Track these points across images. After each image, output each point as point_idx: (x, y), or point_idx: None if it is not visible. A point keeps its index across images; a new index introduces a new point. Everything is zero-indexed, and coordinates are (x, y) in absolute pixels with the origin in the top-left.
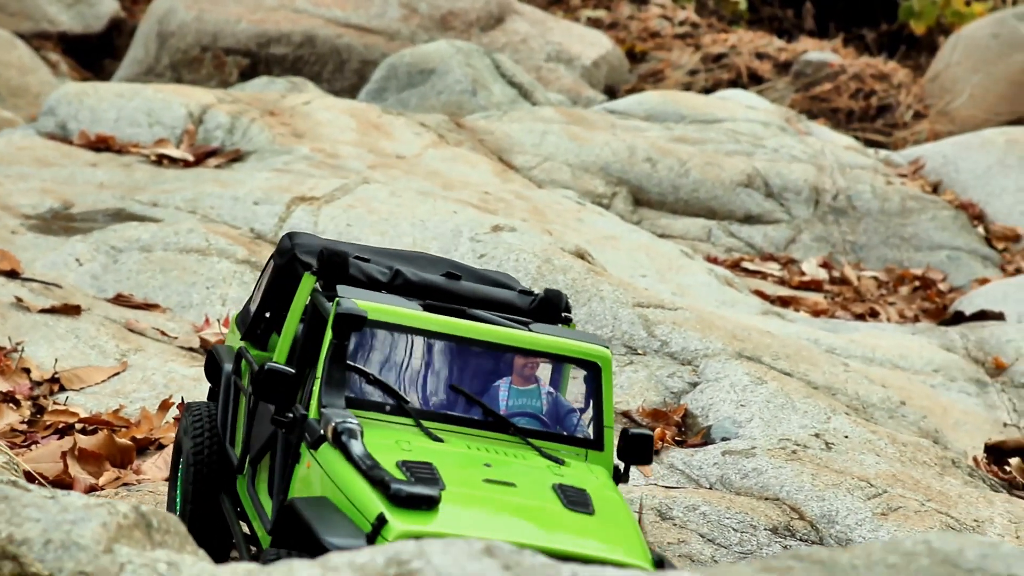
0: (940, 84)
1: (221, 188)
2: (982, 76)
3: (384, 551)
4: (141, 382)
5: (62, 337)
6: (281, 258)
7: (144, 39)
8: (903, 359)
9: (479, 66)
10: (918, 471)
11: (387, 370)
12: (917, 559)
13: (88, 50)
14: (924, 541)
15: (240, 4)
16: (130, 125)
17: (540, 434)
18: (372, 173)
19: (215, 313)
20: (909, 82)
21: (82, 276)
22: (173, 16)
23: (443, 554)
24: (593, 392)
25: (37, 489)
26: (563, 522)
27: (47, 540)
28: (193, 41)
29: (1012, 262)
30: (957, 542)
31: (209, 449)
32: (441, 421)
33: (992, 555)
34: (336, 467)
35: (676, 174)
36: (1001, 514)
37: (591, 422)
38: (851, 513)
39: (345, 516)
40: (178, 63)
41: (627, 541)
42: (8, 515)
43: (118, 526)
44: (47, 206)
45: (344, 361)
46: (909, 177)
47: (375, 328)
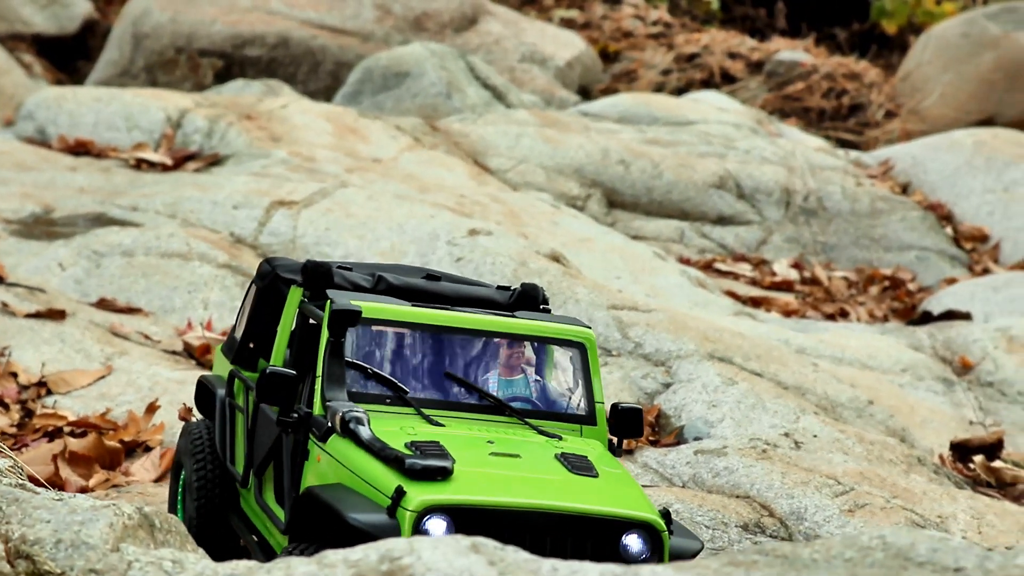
0: (911, 83)
1: (200, 192)
2: (952, 75)
3: (377, 548)
4: (126, 385)
5: (48, 341)
6: (262, 281)
7: (119, 41)
8: (872, 359)
9: (453, 69)
10: (885, 469)
11: (383, 364)
12: (872, 553)
13: (62, 51)
14: (879, 536)
15: (215, 5)
16: (109, 129)
17: (535, 414)
18: (349, 177)
19: (197, 317)
20: (881, 81)
21: (66, 281)
22: (148, 18)
23: (432, 550)
24: (581, 370)
25: (45, 492)
26: (570, 485)
27: (58, 540)
28: (168, 43)
29: (980, 262)
30: (910, 537)
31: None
32: (440, 408)
33: (941, 549)
34: (348, 453)
35: (649, 176)
36: (964, 510)
37: (582, 399)
38: (819, 510)
39: (363, 496)
40: (153, 65)
41: (633, 499)
42: (20, 516)
43: (124, 526)
44: (28, 211)
45: (342, 357)
46: (879, 178)
47: (369, 325)
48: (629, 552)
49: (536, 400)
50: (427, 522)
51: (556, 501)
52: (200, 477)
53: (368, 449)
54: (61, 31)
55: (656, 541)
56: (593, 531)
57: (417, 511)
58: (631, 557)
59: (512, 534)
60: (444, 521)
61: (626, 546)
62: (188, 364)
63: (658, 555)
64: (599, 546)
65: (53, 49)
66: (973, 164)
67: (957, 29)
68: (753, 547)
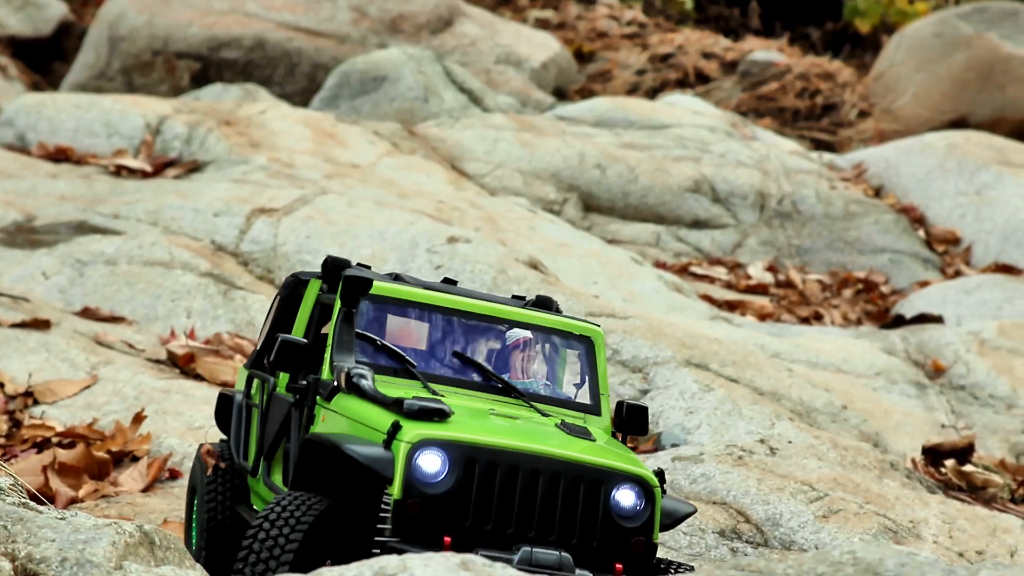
0: (884, 83)
1: (181, 199)
2: (926, 75)
3: (370, 565)
4: (112, 394)
5: (33, 351)
6: (285, 291)
7: (95, 44)
8: (846, 362)
9: (431, 73)
10: (858, 474)
11: (394, 340)
12: (843, 568)
13: (37, 53)
14: (850, 551)
15: (191, 8)
16: (88, 135)
17: (541, 398)
18: (329, 183)
19: (180, 325)
20: (854, 81)
21: (49, 290)
22: (124, 21)
23: (424, 567)
24: (588, 364)
25: (47, 510)
26: (566, 442)
27: (63, 559)
28: (144, 46)
29: (952, 264)
30: (879, 552)
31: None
32: (447, 384)
33: (909, 564)
34: (350, 405)
35: (625, 180)
36: (936, 515)
37: (587, 390)
38: (794, 516)
39: (363, 437)
40: (130, 68)
41: (628, 460)
42: (25, 535)
43: (125, 544)
44: (10, 219)
45: (352, 327)
46: (852, 181)
47: (381, 303)
48: (621, 507)
49: (545, 395)
50: (420, 454)
51: (551, 448)
52: (211, 499)
53: (370, 399)
54: (36, 33)
55: (649, 497)
56: (585, 481)
57: (412, 443)
58: (623, 512)
59: (505, 475)
60: (438, 456)
61: (618, 501)
62: (172, 373)
63: (650, 511)
64: (591, 497)
65: (28, 51)
66: (946, 167)
67: (930, 29)
68: (729, 562)
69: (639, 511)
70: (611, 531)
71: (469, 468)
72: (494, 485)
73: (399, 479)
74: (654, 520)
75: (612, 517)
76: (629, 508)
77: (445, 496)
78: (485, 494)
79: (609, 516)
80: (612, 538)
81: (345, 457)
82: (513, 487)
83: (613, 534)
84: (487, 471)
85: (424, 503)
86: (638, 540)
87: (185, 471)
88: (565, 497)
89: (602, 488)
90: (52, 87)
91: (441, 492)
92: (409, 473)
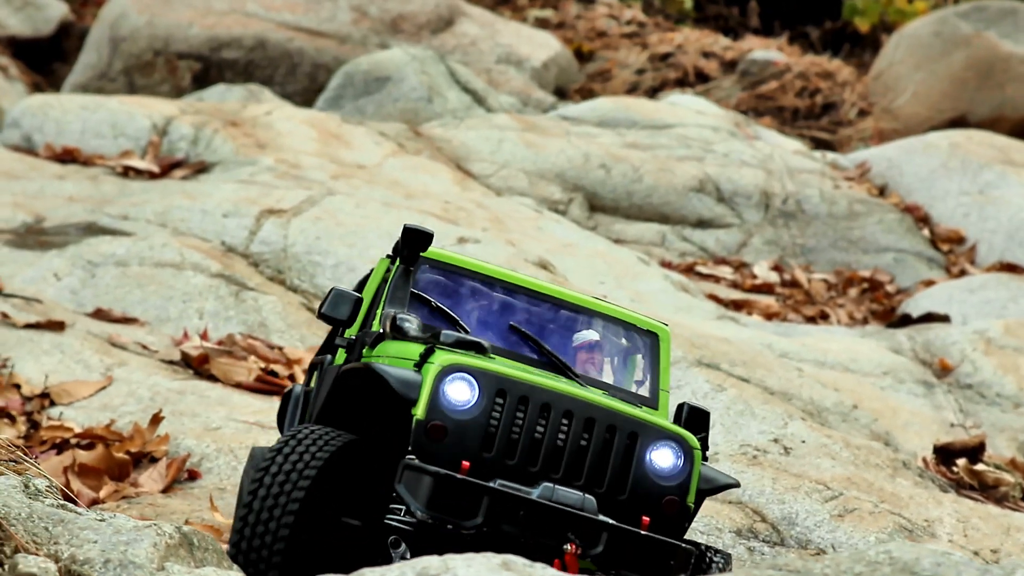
0: (884, 82)
1: (190, 201)
2: (925, 74)
3: (412, 565)
4: (127, 396)
5: (48, 352)
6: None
7: (96, 44)
8: (853, 362)
9: (434, 73)
10: (871, 473)
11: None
12: (880, 568)
13: (37, 53)
14: (886, 551)
15: (191, 8)
16: (95, 137)
17: (597, 383)
18: (335, 184)
19: (192, 327)
20: (853, 80)
21: (61, 291)
22: (125, 21)
23: (466, 568)
24: (651, 359)
25: (86, 512)
26: (608, 399)
27: (106, 560)
28: (146, 46)
29: (956, 263)
30: (914, 552)
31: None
32: (500, 356)
33: (944, 563)
34: (392, 347)
35: (630, 180)
36: (950, 514)
37: (647, 384)
38: (810, 515)
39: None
40: (131, 68)
41: (670, 425)
42: (67, 537)
43: (166, 545)
44: (20, 220)
45: (408, 284)
46: (856, 180)
47: (442, 270)
48: (656, 465)
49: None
50: (449, 379)
51: (588, 394)
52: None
53: (413, 340)
54: (36, 33)
55: (688, 458)
56: (621, 431)
57: (442, 366)
58: (658, 470)
59: (536, 411)
60: (468, 383)
61: (653, 459)
62: (187, 374)
63: (687, 472)
64: (625, 448)
65: (28, 51)
66: (949, 166)
67: (929, 28)
68: (767, 562)
69: (675, 471)
70: (643, 487)
71: (499, 399)
72: (523, 420)
73: (424, 400)
74: (690, 483)
75: (646, 472)
76: (665, 467)
77: (470, 424)
78: (512, 427)
79: (643, 471)
80: (643, 494)
81: (375, 382)
82: (543, 425)
83: (645, 490)
84: (517, 404)
85: (447, 428)
86: (671, 499)
87: (204, 471)
88: (598, 444)
89: (638, 441)
90: (53, 87)
91: (467, 419)
92: (435, 396)
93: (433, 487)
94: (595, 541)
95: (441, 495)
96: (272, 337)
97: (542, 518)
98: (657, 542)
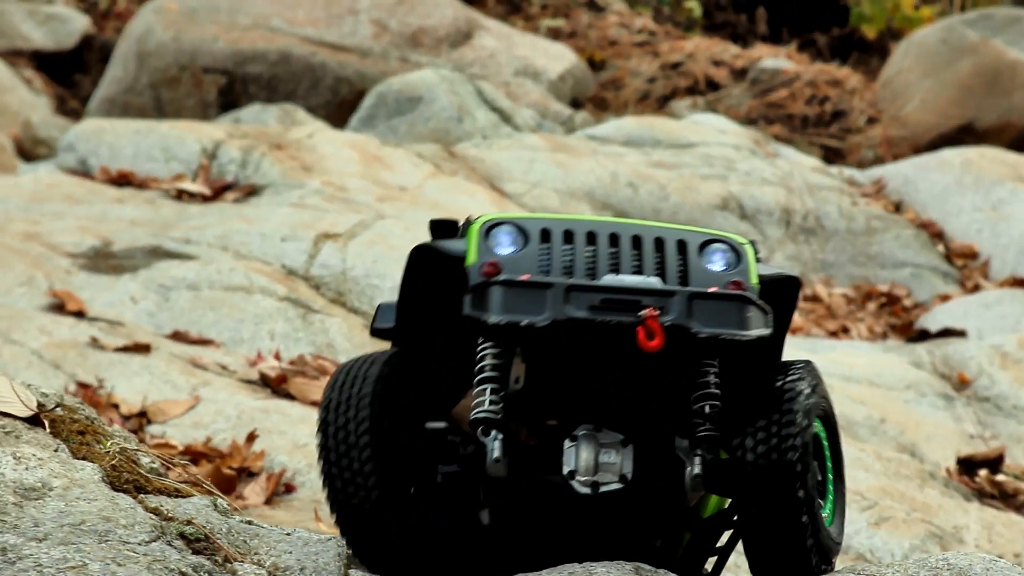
0: (892, 89)
1: (247, 225)
2: (933, 81)
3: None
4: (216, 414)
5: (137, 373)
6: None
7: (123, 59)
8: (878, 376)
9: (463, 93)
10: (902, 484)
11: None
12: (940, 572)
13: (59, 66)
14: (944, 559)
15: (216, 23)
16: (148, 160)
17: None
18: (381, 206)
19: (266, 348)
20: (862, 87)
21: (139, 314)
22: (151, 36)
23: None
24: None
25: (272, 527)
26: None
27: (302, 567)
28: (172, 61)
29: (970, 278)
30: (968, 559)
31: None
32: None
33: (993, 569)
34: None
35: (657, 198)
36: (975, 521)
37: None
38: (849, 523)
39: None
40: (157, 82)
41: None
42: (265, 548)
43: (347, 555)
44: (88, 244)
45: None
46: (872, 197)
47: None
48: (710, 267)
49: None
50: (494, 230)
51: (633, 220)
52: None
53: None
54: (59, 46)
55: (739, 256)
56: (669, 242)
57: (484, 222)
58: (714, 272)
59: (584, 241)
60: (512, 230)
61: (705, 262)
62: (265, 393)
63: (744, 267)
64: (679, 257)
65: (51, 64)
66: (962, 183)
67: (936, 36)
68: (844, 568)
69: (729, 267)
70: (702, 283)
71: (544, 240)
72: (572, 249)
73: (473, 249)
74: (748, 273)
75: (701, 271)
76: (718, 267)
77: (522, 257)
78: (563, 257)
79: (698, 271)
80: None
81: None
82: (592, 250)
83: (705, 285)
84: (563, 239)
85: (500, 264)
86: (735, 282)
87: (298, 485)
88: (648, 256)
89: (687, 248)
90: (76, 100)
91: (517, 256)
92: (483, 245)
93: (499, 295)
94: (669, 308)
95: (510, 300)
96: (340, 357)
97: (610, 299)
98: (728, 296)
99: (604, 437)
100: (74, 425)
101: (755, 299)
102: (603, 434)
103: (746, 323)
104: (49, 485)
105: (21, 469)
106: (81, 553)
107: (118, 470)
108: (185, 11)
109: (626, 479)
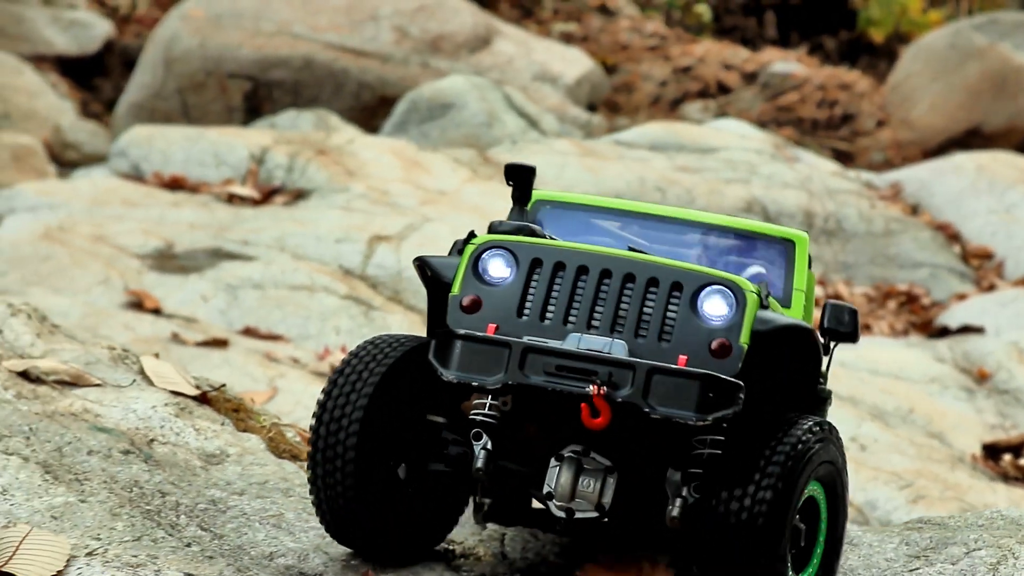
0: (901, 93)
1: (301, 227)
2: (941, 85)
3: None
4: (294, 404)
5: (218, 366)
6: None
7: (151, 65)
8: (903, 370)
9: (492, 99)
10: (934, 467)
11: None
12: (996, 521)
13: (81, 70)
14: (998, 511)
15: (241, 30)
16: (198, 165)
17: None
18: (424, 209)
19: (333, 343)
20: (871, 91)
21: (211, 311)
22: (177, 43)
23: None
24: (785, 263)
25: None
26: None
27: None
28: (198, 67)
29: (985, 278)
30: (1019, 511)
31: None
32: None
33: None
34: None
35: (684, 202)
36: (1003, 499)
37: (781, 286)
38: (889, 500)
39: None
40: (184, 88)
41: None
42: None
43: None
44: (152, 246)
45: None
46: (890, 200)
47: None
48: (704, 313)
49: None
50: (485, 256)
51: (627, 254)
52: None
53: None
54: (82, 51)
55: (740, 302)
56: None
57: (477, 245)
58: (706, 319)
59: (574, 274)
60: (504, 257)
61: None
62: None
63: (739, 316)
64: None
65: (74, 68)
66: (976, 187)
67: (944, 40)
68: (917, 519)
69: (724, 317)
70: (688, 333)
71: (536, 268)
72: (561, 283)
73: (460, 277)
74: (742, 325)
75: (692, 319)
76: (714, 313)
77: (506, 292)
78: (551, 291)
79: (688, 318)
80: (689, 340)
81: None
82: (581, 286)
83: (691, 336)
84: (553, 270)
85: (483, 300)
86: (721, 342)
87: None
88: (638, 297)
89: (683, 290)
90: (99, 104)
91: (502, 290)
92: (471, 272)
93: (458, 350)
94: (625, 382)
95: (467, 357)
96: None
97: (565, 366)
98: (690, 374)
99: (589, 463)
100: (227, 404)
101: (722, 377)
102: (588, 460)
103: (705, 405)
104: (226, 452)
105: (201, 439)
106: (276, 504)
107: (275, 441)
108: (210, 17)
109: (603, 508)
